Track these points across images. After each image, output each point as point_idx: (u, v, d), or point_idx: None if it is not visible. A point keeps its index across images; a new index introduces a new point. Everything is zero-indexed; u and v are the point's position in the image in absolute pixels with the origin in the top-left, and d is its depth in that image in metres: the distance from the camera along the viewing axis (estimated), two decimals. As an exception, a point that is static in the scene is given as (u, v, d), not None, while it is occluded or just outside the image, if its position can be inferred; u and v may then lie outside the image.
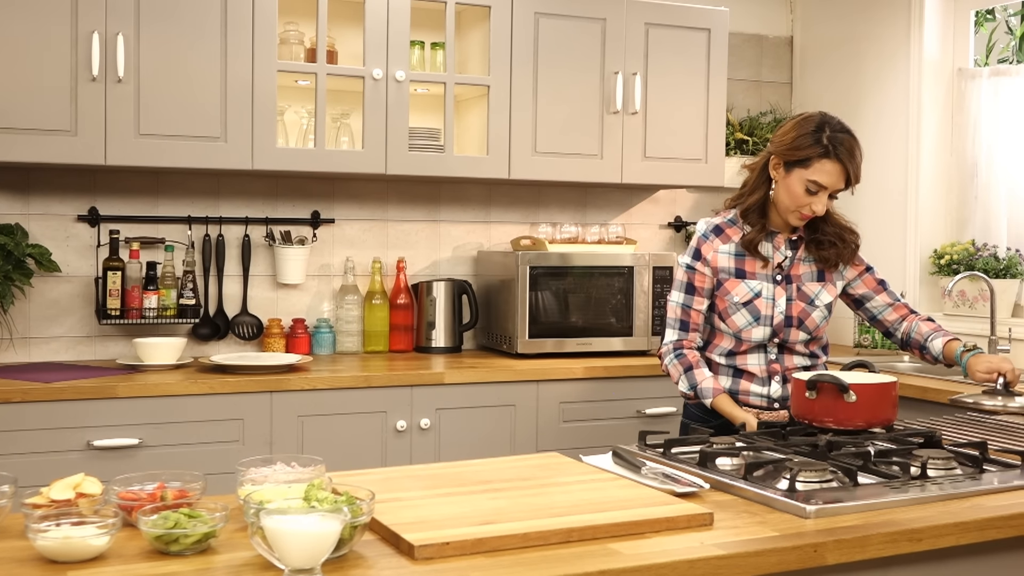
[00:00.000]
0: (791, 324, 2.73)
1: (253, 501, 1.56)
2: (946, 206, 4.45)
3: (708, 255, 2.78)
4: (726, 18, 4.39)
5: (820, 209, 2.66)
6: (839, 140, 2.63)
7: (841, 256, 2.78)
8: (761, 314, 2.73)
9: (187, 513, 1.61)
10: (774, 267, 2.75)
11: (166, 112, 3.56)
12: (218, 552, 1.59)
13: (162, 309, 3.79)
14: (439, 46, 4.04)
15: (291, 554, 1.44)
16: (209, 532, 1.59)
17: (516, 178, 4.07)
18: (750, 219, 2.77)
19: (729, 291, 2.74)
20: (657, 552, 1.62)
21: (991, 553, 1.93)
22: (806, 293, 2.75)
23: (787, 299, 2.74)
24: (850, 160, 2.63)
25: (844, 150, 2.62)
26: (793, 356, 2.77)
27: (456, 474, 2.06)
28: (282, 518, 1.45)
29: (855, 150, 2.65)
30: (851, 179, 2.66)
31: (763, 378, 2.75)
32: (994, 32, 4.74)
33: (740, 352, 2.77)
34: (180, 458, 3.29)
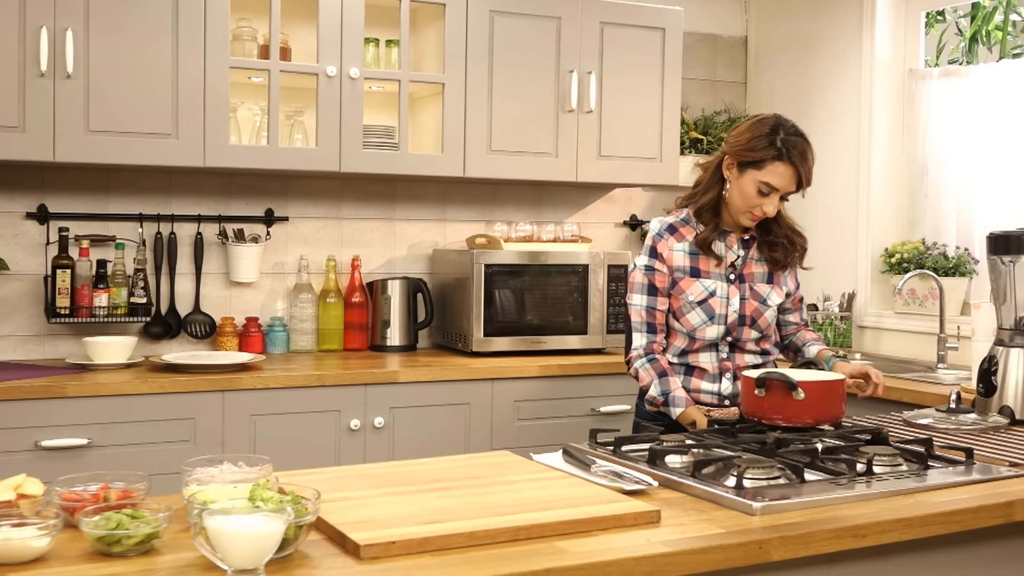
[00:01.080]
0: (744, 323, 2.77)
1: (197, 501, 1.54)
2: (897, 205, 4.50)
3: (664, 253, 2.80)
4: (681, 17, 4.41)
5: (771, 210, 2.70)
6: (792, 143, 2.67)
7: (790, 258, 2.84)
8: (715, 313, 2.75)
9: (130, 514, 1.59)
10: (727, 266, 2.79)
11: (116, 108, 3.52)
12: (161, 553, 1.58)
13: (112, 308, 3.75)
14: (394, 43, 4.03)
15: (234, 554, 1.43)
16: (152, 533, 1.57)
17: (471, 176, 4.07)
18: (703, 218, 2.80)
19: (684, 290, 2.76)
20: (604, 550, 1.62)
21: (934, 549, 1.96)
22: (758, 292, 2.80)
23: (740, 298, 2.77)
24: (802, 163, 2.67)
25: (797, 153, 2.66)
26: (744, 354, 2.80)
27: (405, 473, 2.05)
28: (225, 518, 1.44)
29: (808, 153, 2.69)
30: (803, 182, 2.70)
31: (714, 375, 2.78)
32: (944, 33, 4.80)
33: (692, 350, 2.79)
34: (130, 458, 3.25)
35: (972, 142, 4.18)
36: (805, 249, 2.89)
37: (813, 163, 2.70)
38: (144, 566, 1.52)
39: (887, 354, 4.34)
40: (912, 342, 4.27)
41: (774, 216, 2.75)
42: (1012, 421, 2.70)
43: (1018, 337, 2.77)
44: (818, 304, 4.51)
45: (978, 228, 4.12)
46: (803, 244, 2.87)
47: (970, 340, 3.46)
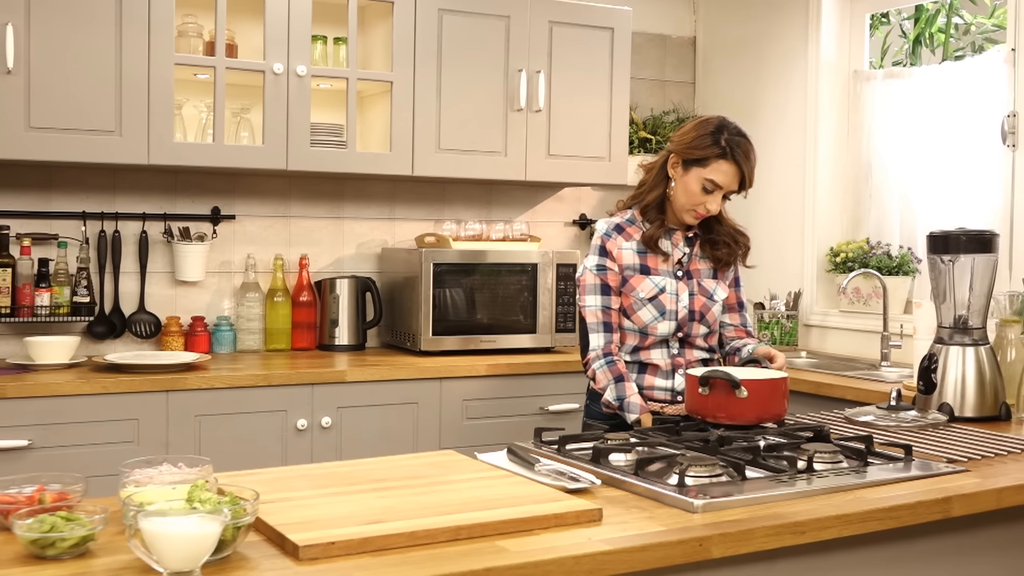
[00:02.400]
0: (694, 318, 2.84)
1: (132, 503, 1.52)
2: (842, 205, 4.55)
3: (614, 252, 2.83)
4: (629, 17, 4.43)
5: (714, 208, 2.76)
6: (736, 143, 2.74)
7: (733, 256, 2.90)
8: (666, 309, 2.80)
9: (65, 516, 1.57)
10: (674, 263, 2.84)
11: (58, 105, 3.47)
12: (97, 556, 1.56)
13: (55, 307, 3.70)
14: (342, 41, 4.01)
15: (169, 556, 1.41)
16: (87, 535, 1.55)
17: (420, 175, 4.06)
18: (649, 215, 2.85)
19: (635, 287, 2.80)
20: (544, 549, 1.62)
21: (873, 544, 1.98)
22: (705, 288, 2.87)
23: (689, 294, 2.84)
24: (745, 162, 2.74)
25: (741, 152, 2.73)
26: (693, 350, 2.86)
27: (347, 473, 2.04)
28: (160, 520, 1.42)
29: (750, 153, 2.76)
30: (745, 181, 2.77)
31: (667, 371, 2.82)
32: (888, 35, 4.86)
33: (644, 347, 2.82)
34: (72, 460, 3.21)
35: (915, 143, 4.23)
36: (748, 248, 2.94)
37: (755, 164, 2.78)
38: (78, 569, 1.50)
39: (832, 352, 4.39)
40: (857, 340, 4.32)
41: (716, 215, 2.82)
42: (951, 418, 2.74)
43: (957, 335, 2.81)
44: (765, 303, 4.55)
45: (921, 228, 4.17)
46: (746, 243, 2.93)
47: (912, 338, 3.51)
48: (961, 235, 2.82)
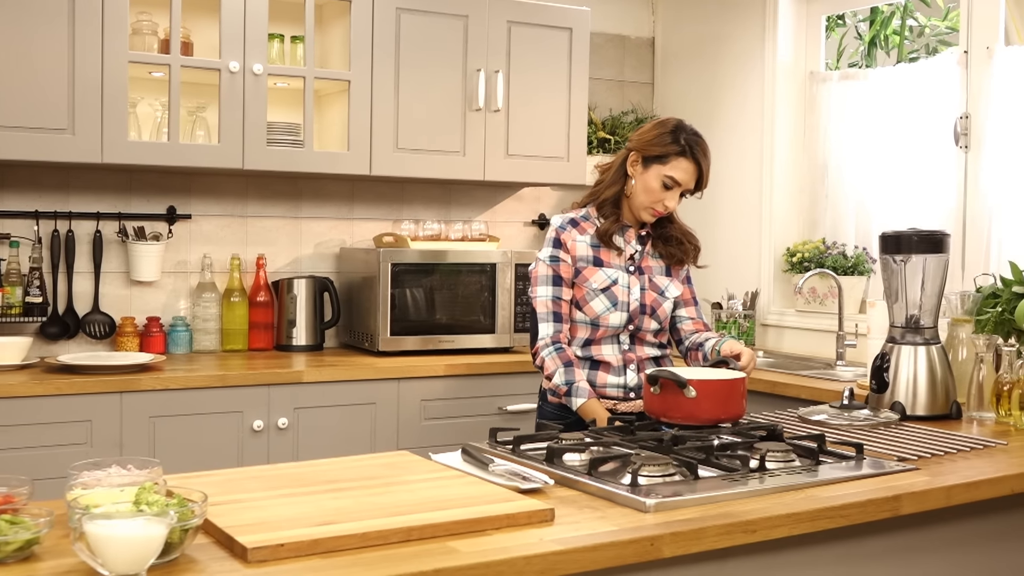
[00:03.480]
0: (645, 312, 2.88)
1: (78, 505, 1.51)
2: (798, 205, 4.58)
3: (568, 243, 2.88)
4: (588, 18, 4.44)
5: (672, 204, 2.84)
6: (695, 141, 2.83)
7: (687, 254, 2.97)
8: (618, 300, 2.84)
9: (9, 520, 1.55)
10: (627, 258, 2.89)
11: (9, 103, 3.42)
12: (42, 559, 1.54)
13: (6, 307, 3.66)
14: (299, 39, 3.99)
15: (114, 560, 1.40)
16: (32, 539, 1.53)
17: (377, 174, 4.04)
18: (604, 211, 2.91)
19: (588, 278, 2.84)
20: (496, 549, 1.62)
21: (824, 543, 1.99)
22: (657, 284, 2.91)
23: (641, 288, 2.88)
24: (704, 159, 2.83)
25: (700, 150, 2.83)
26: (645, 346, 2.89)
27: (299, 474, 2.03)
28: (104, 523, 1.41)
29: (708, 153, 2.86)
30: (702, 180, 2.86)
31: (619, 367, 2.85)
32: (844, 37, 4.91)
33: (596, 342, 2.84)
34: (24, 462, 3.17)
35: (870, 144, 4.27)
36: (698, 248, 3.01)
37: (710, 164, 2.86)
38: (22, 573, 1.48)
39: (789, 351, 4.42)
40: (813, 340, 4.36)
41: (669, 216, 2.89)
42: (903, 417, 2.77)
43: (909, 335, 2.84)
44: (722, 303, 4.57)
45: (875, 228, 4.21)
46: (696, 244, 3.00)
47: (867, 338, 3.54)
48: (913, 235, 2.85)
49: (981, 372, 2.82)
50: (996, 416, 2.78)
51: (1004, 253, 3.66)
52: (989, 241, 3.77)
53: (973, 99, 3.82)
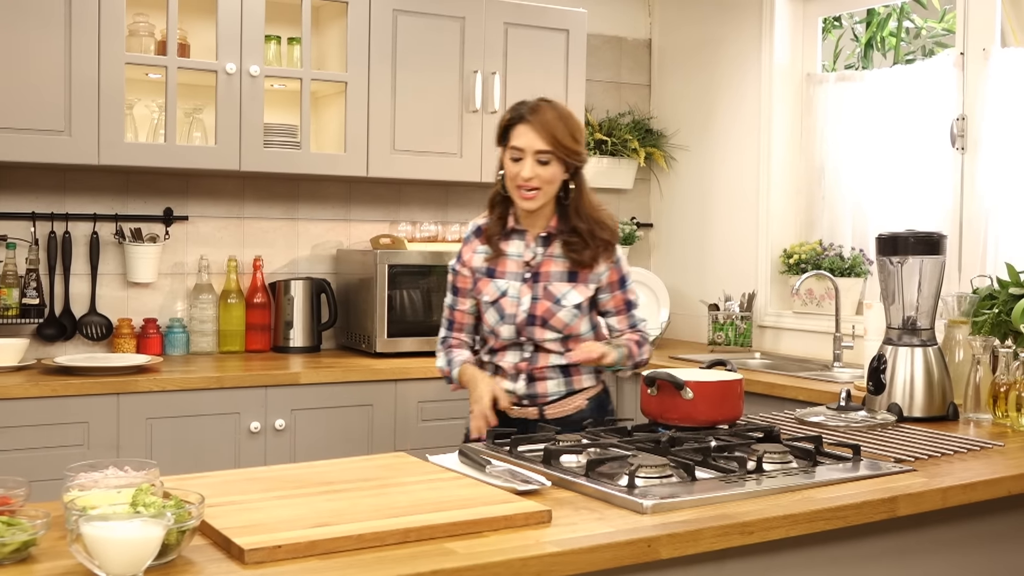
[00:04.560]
0: (535, 323, 2.75)
1: (75, 507, 1.51)
2: (795, 207, 4.59)
3: (466, 256, 2.85)
4: (584, 20, 4.44)
5: (527, 173, 2.66)
6: (527, 106, 2.71)
7: (592, 254, 2.76)
8: (506, 312, 2.77)
9: (6, 521, 1.55)
10: (523, 265, 2.78)
11: (6, 104, 3.42)
12: (39, 561, 1.54)
13: (3, 309, 3.65)
14: (296, 41, 3.99)
15: (111, 561, 1.40)
16: (29, 540, 1.53)
17: (374, 176, 4.04)
18: (494, 214, 2.83)
19: (482, 291, 2.81)
20: (493, 551, 1.62)
21: (821, 544, 2.00)
22: (552, 292, 2.75)
23: (532, 298, 2.75)
24: (535, 116, 2.67)
25: (529, 109, 2.69)
26: (549, 355, 2.78)
27: (296, 476, 2.03)
28: (101, 524, 1.41)
29: (544, 111, 2.68)
30: (551, 140, 2.66)
31: (513, 375, 2.80)
32: (841, 39, 4.91)
33: (499, 350, 2.81)
34: (22, 463, 3.17)
35: (867, 145, 4.28)
36: (609, 242, 2.78)
37: (563, 125, 2.67)
38: (20, 575, 1.48)
39: (786, 353, 4.42)
40: (810, 341, 4.36)
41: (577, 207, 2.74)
42: (900, 418, 2.77)
43: (906, 336, 2.84)
44: (719, 304, 4.57)
45: (872, 230, 4.20)
46: (605, 237, 2.77)
47: (863, 339, 3.54)
48: (909, 237, 2.85)
49: (978, 374, 2.82)
50: (993, 417, 2.78)
51: (1001, 255, 3.66)
52: (986, 243, 3.77)
53: (970, 101, 3.83)
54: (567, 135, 2.67)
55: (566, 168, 2.71)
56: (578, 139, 2.71)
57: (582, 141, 2.74)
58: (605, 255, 2.77)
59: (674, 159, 4.98)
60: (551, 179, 2.69)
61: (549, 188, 2.70)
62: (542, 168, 2.67)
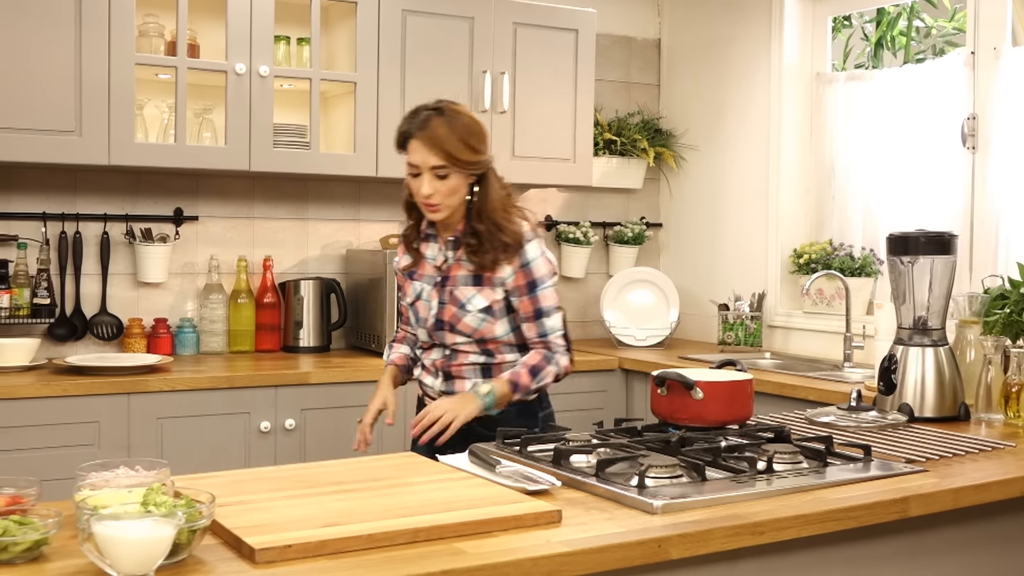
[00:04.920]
0: (442, 327, 2.70)
1: (87, 506, 1.51)
2: (805, 207, 4.58)
3: (398, 257, 2.86)
4: (593, 19, 4.44)
5: (426, 190, 2.57)
6: (415, 117, 2.60)
7: (496, 258, 2.64)
8: (420, 316, 2.76)
9: (18, 520, 1.55)
10: (435, 269, 2.74)
11: (17, 104, 3.43)
12: (51, 560, 1.54)
13: (14, 309, 3.66)
14: (305, 41, 3.99)
15: (122, 561, 1.40)
16: (40, 540, 1.53)
17: (384, 176, 4.04)
18: (411, 216, 2.78)
19: (406, 292, 2.81)
20: (503, 551, 1.62)
21: (832, 544, 1.99)
22: (457, 297, 2.68)
23: (439, 302, 2.71)
24: (424, 130, 2.56)
25: (417, 124, 2.58)
26: (469, 355, 2.72)
27: (306, 476, 2.03)
28: (113, 523, 1.41)
29: (434, 124, 2.56)
30: (444, 155, 2.55)
31: (433, 372, 2.78)
32: (850, 38, 4.90)
33: (425, 348, 2.81)
34: (33, 462, 3.18)
35: (877, 145, 4.26)
36: (509, 245, 2.63)
37: (455, 136, 2.56)
38: (32, 573, 1.49)
39: (796, 353, 4.41)
40: (820, 341, 4.35)
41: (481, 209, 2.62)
42: (910, 418, 2.76)
43: (917, 336, 2.83)
44: (729, 304, 4.57)
45: (883, 229, 4.19)
46: (505, 239, 2.63)
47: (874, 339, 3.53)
48: (920, 237, 2.84)
49: (989, 374, 2.81)
50: (1005, 418, 2.77)
51: (1012, 254, 3.65)
52: (997, 242, 3.76)
53: (980, 100, 3.81)
54: (461, 146, 2.56)
55: (469, 175, 2.62)
56: (474, 146, 2.59)
57: (480, 146, 2.61)
58: (507, 258, 2.63)
59: (684, 159, 4.98)
60: (452, 191, 2.60)
61: (452, 199, 2.61)
62: (441, 182, 2.58)
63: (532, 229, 2.70)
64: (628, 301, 4.69)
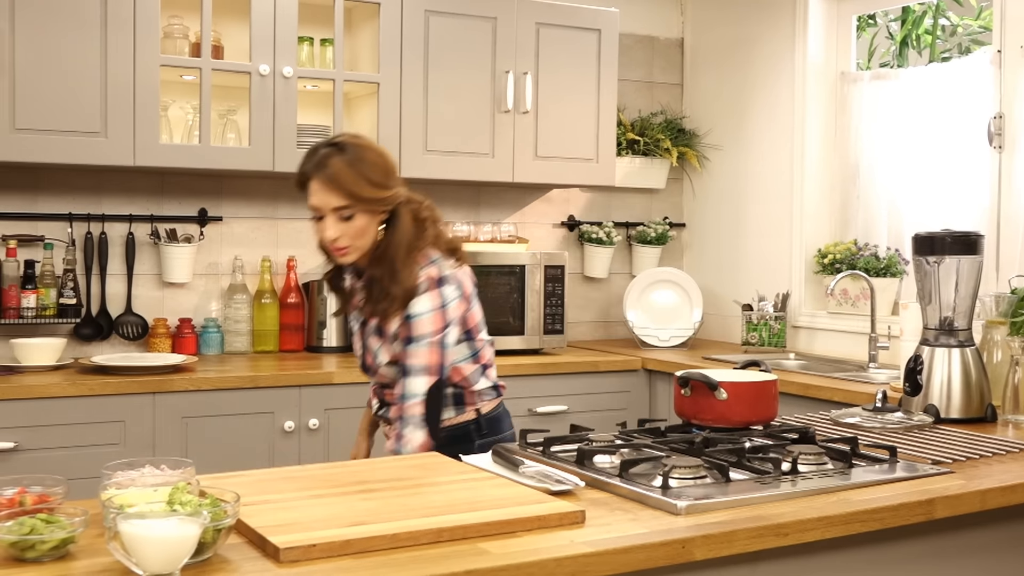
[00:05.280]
0: (370, 371, 2.57)
1: (113, 505, 1.52)
2: (830, 206, 4.55)
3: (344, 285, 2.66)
4: (616, 19, 4.43)
5: (330, 234, 2.39)
6: (316, 158, 2.39)
7: (387, 311, 2.42)
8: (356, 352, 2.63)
9: (45, 519, 1.56)
10: (359, 308, 2.55)
11: (43, 106, 3.46)
12: (77, 558, 1.55)
13: (41, 309, 3.69)
14: (328, 42, 4.01)
15: (148, 559, 1.41)
16: (67, 538, 1.54)
17: (406, 176, 3.99)
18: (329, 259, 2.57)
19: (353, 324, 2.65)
20: (526, 551, 1.62)
21: (857, 546, 1.98)
22: (369, 347, 2.54)
23: (363, 346, 2.56)
24: (322, 170, 2.36)
25: (314, 163, 2.38)
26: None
27: (330, 475, 2.03)
28: (139, 522, 1.42)
29: (331, 163, 2.36)
30: (346, 194, 2.35)
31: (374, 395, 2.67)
32: (875, 37, 4.87)
33: None
34: (58, 462, 3.20)
35: (902, 144, 4.24)
36: (396, 298, 2.39)
37: (355, 173, 2.36)
38: (58, 572, 1.49)
39: (820, 354, 4.39)
40: (845, 342, 4.33)
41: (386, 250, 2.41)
42: (936, 419, 2.74)
43: (943, 337, 2.81)
44: (752, 304, 4.55)
45: (908, 229, 4.17)
46: (394, 290, 2.39)
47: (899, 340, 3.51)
48: (946, 236, 2.82)
49: (1016, 375, 2.79)
50: (1031, 419, 2.75)
51: (1039, 254, 3.63)
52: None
53: (1007, 98, 3.79)
54: (364, 184, 2.36)
55: (377, 213, 2.41)
56: (379, 182, 2.39)
57: (386, 181, 2.41)
58: (395, 310, 2.41)
59: (707, 158, 4.96)
60: (361, 232, 2.40)
61: (362, 241, 2.41)
62: (347, 224, 2.38)
63: (430, 279, 2.42)
64: (651, 301, 4.69)
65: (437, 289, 2.43)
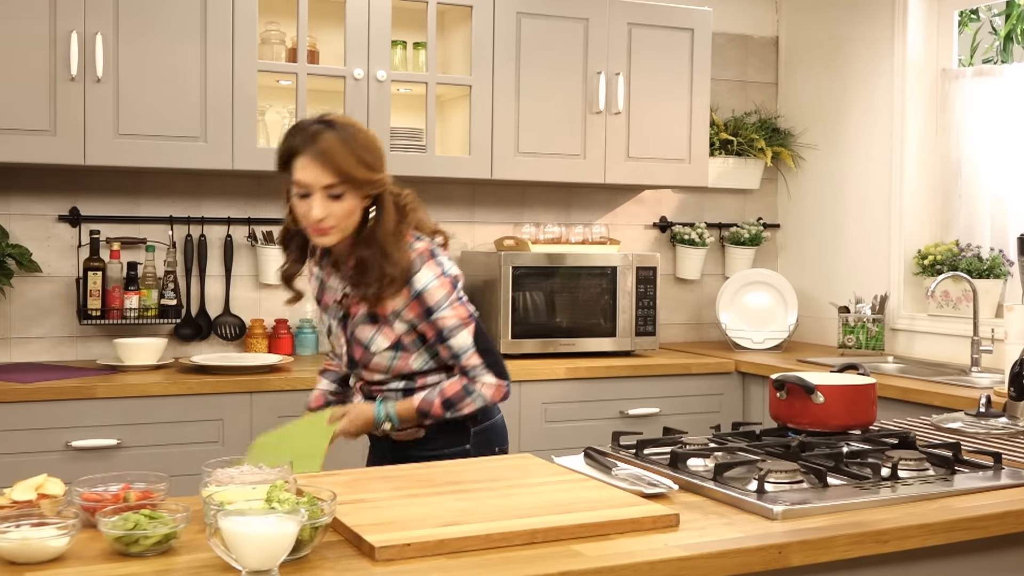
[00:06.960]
0: (356, 366, 2.53)
1: (213, 502, 1.55)
2: (930, 206, 4.45)
3: (312, 281, 2.61)
4: (709, 18, 4.39)
5: (317, 213, 2.30)
6: (306, 133, 2.33)
7: (380, 293, 2.37)
8: (336, 352, 2.62)
9: (148, 514, 1.60)
10: (336, 303, 2.51)
11: (145, 112, 3.55)
12: (179, 553, 1.58)
13: (143, 309, 3.79)
14: (421, 46, 4.04)
15: (248, 555, 1.43)
16: (170, 533, 1.58)
17: (498, 178, 4.07)
18: (289, 251, 2.53)
19: (323, 321, 2.62)
20: (620, 553, 1.61)
21: (959, 555, 1.93)
22: (359, 338, 2.47)
23: (347, 340, 2.51)
24: (314, 146, 2.29)
25: (307, 138, 2.31)
26: (389, 383, 2.53)
27: (424, 475, 2.05)
28: (239, 519, 1.45)
29: (324, 138, 2.30)
30: (337, 172, 2.29)
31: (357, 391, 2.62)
32: (978, 32, 4.75)
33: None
34: (159, 459, 3.28)
35: (1006, 142, 4.12)
36: (394, 279, 2.35)
37: (348, 151, 2.30)
38: (161, 566, 1.53)
39: (920, 357, 4.29)
40: (946, 345, 4.22)
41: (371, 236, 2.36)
42: (1043, 425, 2.66)
43: (1050, 340, 2.73)
44: (849, 306, 4.46)
45: (1012, 229, 4.06)
46: (390, 270, 2.34)
47: (1004, 343, 3.41)
48: (1053, 237, 2.74)
49: None
50: None
51: None
52: None
53: (1118, 94, 3.66)
54: (356, 163, 2.30)
55: (364, 197, 2.36)
56: (371, 163, 2.34)
57: (377, 164, 2.36)
58: (392, 292, 2.36)
59: (802, 158, 4.89)
60: (348, 213, 2.33)
61: (347, 222, 2.34)
62: (335, 203, 2.31)
63: (422, 253, 2.40)
64: (745, 303, 4.63)
65: (432, 259, 2.40)
